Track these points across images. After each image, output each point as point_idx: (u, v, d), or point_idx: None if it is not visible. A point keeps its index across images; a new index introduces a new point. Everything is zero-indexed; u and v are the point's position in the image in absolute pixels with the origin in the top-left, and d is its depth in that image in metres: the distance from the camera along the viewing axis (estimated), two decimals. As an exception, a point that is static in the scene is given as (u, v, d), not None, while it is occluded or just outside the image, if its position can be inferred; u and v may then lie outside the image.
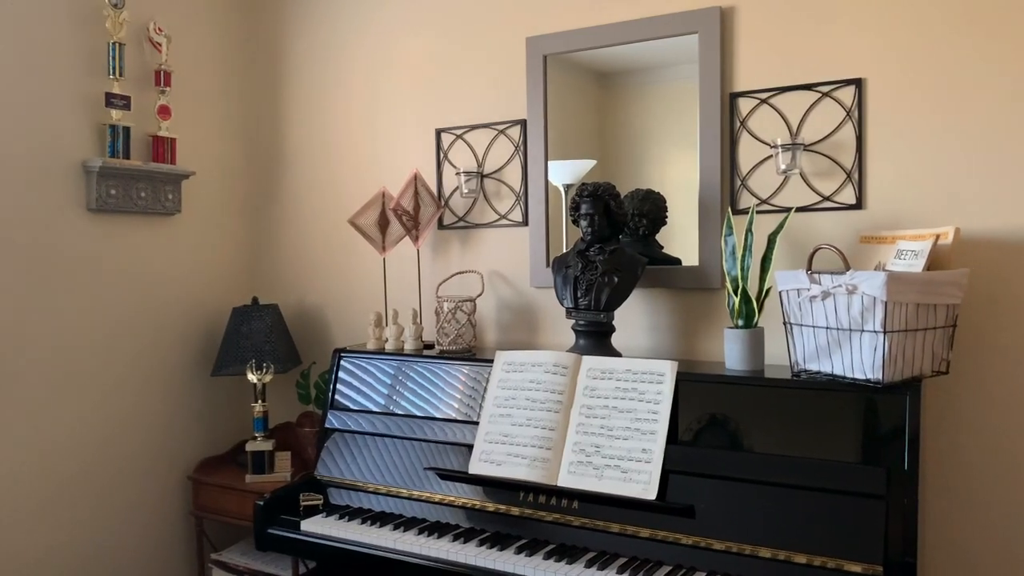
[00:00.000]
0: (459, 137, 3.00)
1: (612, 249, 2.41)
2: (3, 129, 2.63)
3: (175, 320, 3.21)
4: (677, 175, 2.60)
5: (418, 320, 2.88)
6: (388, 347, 2.85)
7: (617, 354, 2.43)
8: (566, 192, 2.79)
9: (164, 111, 3.05)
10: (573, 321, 2.47)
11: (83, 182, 2.85)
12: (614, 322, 2.46)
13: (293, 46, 3.42)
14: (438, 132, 3.04)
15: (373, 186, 3.15)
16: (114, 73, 2.87)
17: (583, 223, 2.43)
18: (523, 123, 2.85)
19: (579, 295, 2.42)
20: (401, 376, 2.66)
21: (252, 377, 3.04)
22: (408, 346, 2.82)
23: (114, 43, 2.86)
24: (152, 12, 3.06)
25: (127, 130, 2.92)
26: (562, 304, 2.49)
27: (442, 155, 3.04)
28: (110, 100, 2.86)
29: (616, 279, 2.38)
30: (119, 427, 3.01)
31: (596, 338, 2.43)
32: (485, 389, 2.45)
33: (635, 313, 2.63)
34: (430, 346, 2.84)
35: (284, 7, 3.44)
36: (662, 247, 2.60)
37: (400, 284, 3.10)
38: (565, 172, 2.78)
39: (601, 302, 2.39)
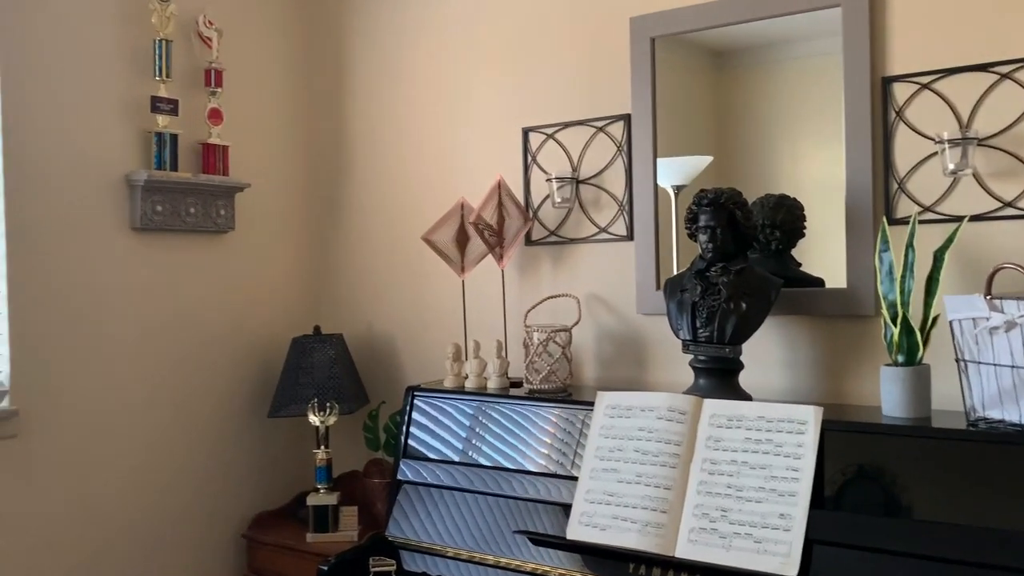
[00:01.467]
0: (550, 137, 2.98)
1: (738, 269, 2.34)
2: (41, 139, 2.75)
3: (227, 352, 3.28)
4: (815, 175, 2.51)
5: (503, 353, 2.85)
6: (468, 385, 2.83)
7: (747, 397, 2.35)
8: (676, 195, 2.73)
9: (215, 115, 3.14)
10: (691, 356, 2.41)
11: (127, 197, 2.96)
12: (742, 358, 2.38)
13: (358, 35, 3.47)
14: (525, 131, 3.03)
15: (450, 196, 3.15)
16: (160, 74, 2.97)
17: (702, 237, 2.37)
18: (627, 119, 2.81)
19: (698, 325, 2.36)
20: (484, 419, 2.64)
21: (314, 419, 3.07)
22: (492, 384, 2.80)
23: (160, 40, 2.96)
24: (201, 2, 3.16)
25: (174, 138, 3.01)
26: (677, 336, 2.43)
27: (530, 158, 3.02)
28: (156, 105, 2.96)
29: (744, 305, 2.31)
30: (165, 475, 3.09)
31: (720, 377, 2.36)
32: (585, 437, 2.41)
33: (768, 347, 2.55)
34: (518, 384, 2.81)
35: (348, -7, 3.51)
36: (799, 265, 2.52)
37: (482, 310, 3.09)
38: (675, 171, 2.73)
39: (726, 333, 2.32)
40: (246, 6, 3.37)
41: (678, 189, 2.74)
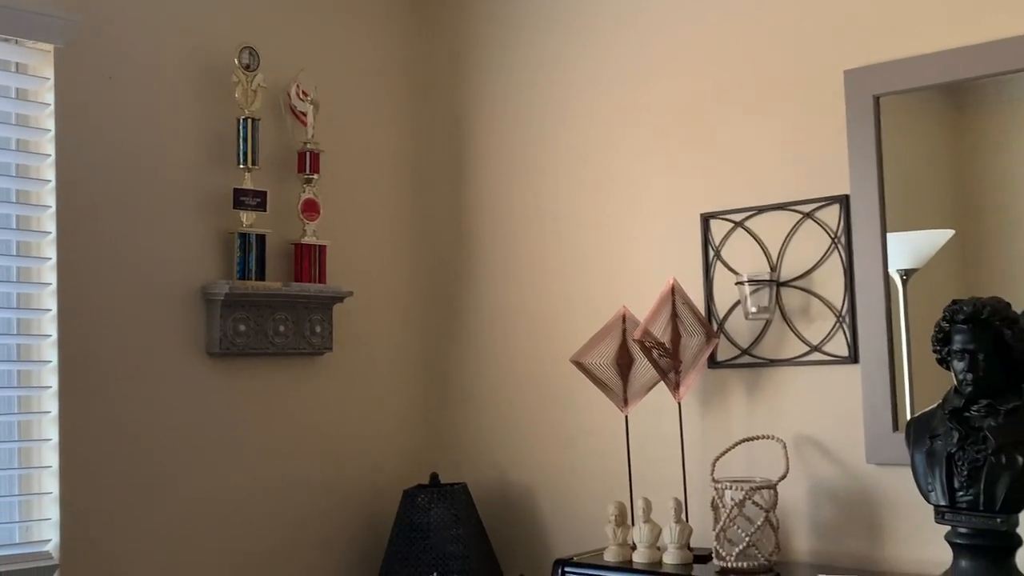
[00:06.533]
0: (739, 225, 2.98)
1: (1011, 408, 2.26)
2: (100, 244, 2.92)
3: (322, 508, 3.34)
4: None
5: (683, 517, 2.81)
6: (638, 559, 2.80)
7: (1029, 586, 2.25)
8: (904, 283, 2.71)
9: (310, 207, 3.28)
10: (948, 528, 2.32)
11: (203, 315, 3.11)
12: (1020, 530, 2.27)
13: (483, 101, 3.59)
14: (705, 219, 3.04)
15: (607, 306, 3.17)
16: (245, 161, 3.13)
17: (958, 365, 2.30)
18: (843, 200, 2.80)
19: (957, 486, 2.28)
20: (660, 606, 2.61)
21: (432, 600, 3.08)
22: (669, 558, 2.76)
23: (246, 119, 3.14)
24: (294, 71, 3.33)
25: (261, 239, 3.16)
26: (927, 499, 2.35)
27: (712, 254, 3.03)
28: (240, 199, 3.12)
29: (1021, 459, 2.21)
30: (244, 671, 3.16)
31: (990, 558, 2.26)
32: (802, 638, 2.35)
33: (1056, 513, 2.43)
34: (705, 558, 2.77)
35: (469, 53, 3.63)
36: (1095, 398, 2.42)
37: (653, 457, 3.06)
38: (902, 251, 2.71)
39: (996, 498, 2.22)
40: (347, 73, 3.55)
41: (907, 274, 2.71)
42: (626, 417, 3.03)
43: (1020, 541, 2.28)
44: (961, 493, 2.28)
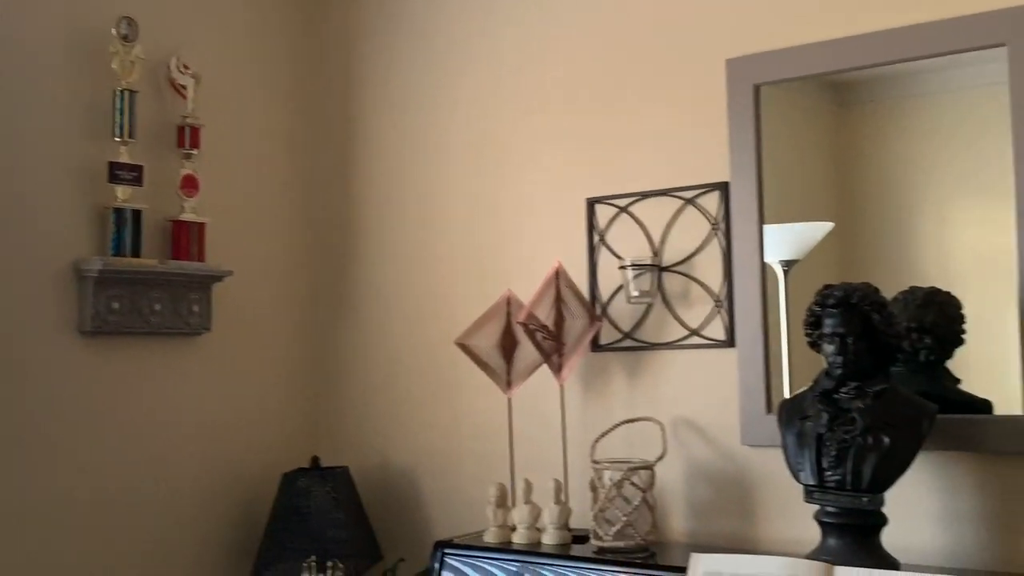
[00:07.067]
0: (623, 211, 3.02)
1: (878, 390, 2.34)
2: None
3: (198, 491, 3.29)
4: (972, 246, 2.55)
5: (563, 497, 2.85)
6: (517, 539, 2.83)
7: (892, 563, 2.31)
8: (786, 273, 2.76)
9: (190, 184, 3.22)
10: (817, 507, 2.39)
11: (75, 292, 3.02)
12: (885, 509, 2.35)
13: (370, 79, 3.57)
14: (590, 203, 3.08)
15: (492, 289, 3.18)
16: (121, 133, 3.06)
17: (828, 348, 2.37)
18: (723, 187, 2.85)
19: (826, 465, 2.34)
20: (538, 587, 2.62)
21: (311, 582, 3.07)
22: (548, 538, 2.79)
23: (123, 91, 3.06)
24: (174, 44, 3.27)
25: (137, 214, 3.09)
26: (797, 478, 2.41)
27: (597, 238, 3.06)
28: (115, 172, 3.04)
29: (887, 440, 2.29)
30: (115, 657, 3.09)
31: (856, 535, 2.33)
32: (675, 616, 2.39)
33: (919, 494, 2.52)
34: (583, 538, 2.79)
35: (358, 30, 3.61)
36: (958, 382, 2.51)
37: (535, 439, 3.08)
38: (784, 242, 2.76)
39: (863, 477, 2.30)
40: (230, 46, 3.49)
41: (788, 265, 2.77)
42: (509, 400, 3.05)
43: (885, 520, 2.36)
44: (829, 473, 2.34)
